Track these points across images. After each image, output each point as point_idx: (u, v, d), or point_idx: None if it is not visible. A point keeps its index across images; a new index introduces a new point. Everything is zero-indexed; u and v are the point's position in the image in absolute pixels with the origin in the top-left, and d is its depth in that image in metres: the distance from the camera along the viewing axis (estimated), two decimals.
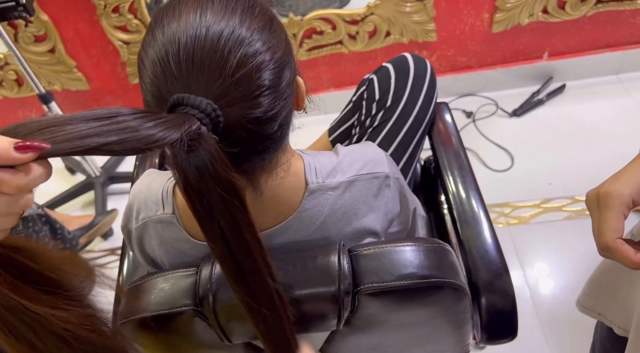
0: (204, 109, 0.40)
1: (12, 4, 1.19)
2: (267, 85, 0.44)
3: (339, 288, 0.52)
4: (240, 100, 0.43)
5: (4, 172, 0.31)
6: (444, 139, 0.93)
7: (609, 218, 0.47)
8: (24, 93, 1.89)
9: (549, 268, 1.40)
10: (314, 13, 1.67)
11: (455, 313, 0.61)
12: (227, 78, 0.42)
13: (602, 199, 0.48)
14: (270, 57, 0.44)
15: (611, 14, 1.68)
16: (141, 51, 0.46)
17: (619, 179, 0.48)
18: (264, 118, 0.45)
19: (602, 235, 0.47)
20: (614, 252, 0.47)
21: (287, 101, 0.48)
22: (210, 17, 0.43)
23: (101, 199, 1.76)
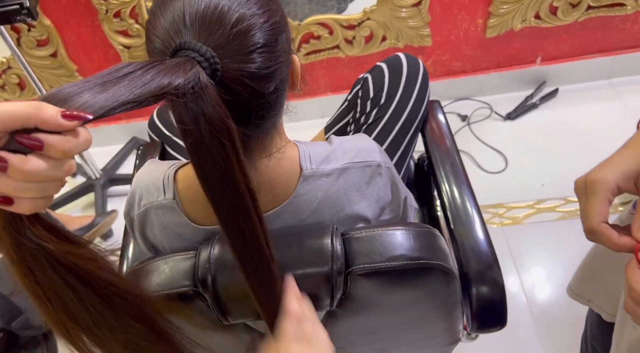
0: (204, 53, 0.43)
1: (16, 7, 1.22)
2: (262, 43, 0.48)
3: (331, 268, 0.54)
4: (237, 53, 0.46)
5: (53, 135, 0.33)
6: (437, 136, 0.95)
7: (595, 203, 0.49)
8: (25, 96, 1.92)
9: (542, 267, 1.43)
10: (312, 18, 1.70)
11: (445, 296, 0.63)
12: (225, 31, 0.46)
13: (589, 185, 0.50)
14: (266, 19, 0.49)
15: (602, 20, 1.72)
16: (150, 16, 0.50)
17: (605, 166, 0.51)
18: (258, 74, 0.48)
19: (587, 219, 0.50)
20: (599, 235, 0.49)
21: (281, 66, 0.52)
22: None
23: (101, 201, 1.78)
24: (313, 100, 1.91)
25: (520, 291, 1.38)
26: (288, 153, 0.59)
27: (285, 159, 0.59)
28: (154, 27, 0.48)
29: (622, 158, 0.50)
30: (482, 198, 1.58)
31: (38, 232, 0.37)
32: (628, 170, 0.49)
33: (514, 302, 1.36)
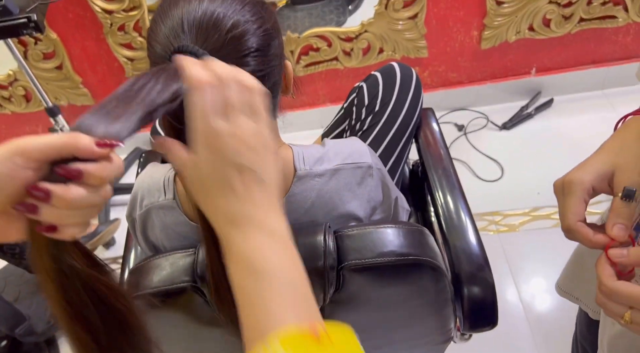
0: (200, 56, 0.47)
1: (24, 20, 1.27)
2: (256, 47, 0.52)
3: (324, 263, 0.56)
4: (232, 56, 0.50)
5: (90, 164, 0.35)
6: (429, 143, 0.98)
7: (571, 203, 0.52)
8: (31, 108, 1.96)
9: (538, 274, 1.45)
10: (311, 31, 1.75)
11: (435, 293, 0.65)
12: (221, 35, 0.50)
13: (566, 186, 0.53)
14: (259, 26, 0.53)
15: (595, 32, 1.76)
16: (151, 23, 0.54)
17: (581, 168, 0.54)
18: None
19: (565, 218, 0.53)
20: (575, 234, 0.52)
21: (274, 70, 0.55)
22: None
23: (104, 209, 1.81)
24: (312, 111, 1.95)
25: (516, 297, 1.40)
26: (282, 154, 0.62)
27: (279, 159, 0.62)
28: (155, 34, 0.52)
29: (597, 160, 0.53)
30: (478, 206, 1.62)
31: (76, 256, 0.40)
32: (602, 171, 0.52)
33: (510, 309, 1.38)
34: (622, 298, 0.46)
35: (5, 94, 1.91)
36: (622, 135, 0.54)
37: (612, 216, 0.50)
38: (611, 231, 0.49)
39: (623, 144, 0.53)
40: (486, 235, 1.55)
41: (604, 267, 0.49)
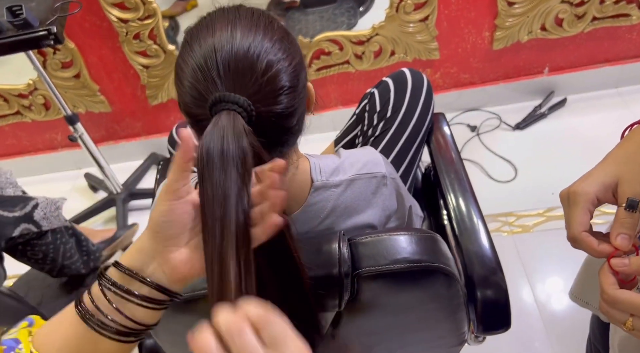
0: (242, 104, 0.48)
1: (44, 33, 1.30)
2: (288, 85, 0.53)
3: (339, 270, 0.58)
4: (267, 97, 0.51)
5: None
6: (441, 147, 1.00)
7: (576, 213, 0.53)
8: (50, 116, 2.01)
9: (552, 275, 1.45)
10: (322, 35, 1.76)
11: (448, 298, 0.67)
12: (257, 79, 0.50)
13: (571, 197, 0.54)
14: (289, 63, 0.54)
15: (608, 30, 1.75)
16: (179, 61, 0.54)
17: (586, 179, 0.55)
18: (285, 113, 0.53)
19: (570, 228, 0.54)
20: (581, 243, 0.53)
21: (302, 100, 0.57)
22: (239, 31, 0.52)
23: (122, 215, 1.85)
24: (324, 114, 1.96)
25: (531, 298, 1.40)
26: (301, 166, 0.64)
27: (298, 172, 0.64)
28: (186, 74, 0.52)
29: (601, 171, 0.54)
30: (492, 207, 1.63)
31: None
32: (606, 182, 0.53)
33: (524, 309, 1.38)
34: (623, 306, 0.48)
35: (26, 103, 1.96)
36: (626, 145, 0.55)
37: (616, 226, 0.51)
38: (615, 241, 0.51)
39: (627, 155, 0.54)
40: (500, 236, 1.56)
41: (607, 275, 0.50)
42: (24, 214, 1.27)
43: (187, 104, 0.53)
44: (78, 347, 0.46)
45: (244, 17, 0.54)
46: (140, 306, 0.46)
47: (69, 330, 0.46)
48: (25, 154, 2.20)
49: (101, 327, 0.45)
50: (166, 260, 0.46)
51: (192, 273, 0.47)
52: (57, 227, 1.37)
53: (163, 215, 0.44)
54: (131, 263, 0.46)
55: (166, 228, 0.44)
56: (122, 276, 0.46)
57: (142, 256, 0.46)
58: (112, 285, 0.45)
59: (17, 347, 0.47)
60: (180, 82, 0.54)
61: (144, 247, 0.46)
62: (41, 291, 1.59)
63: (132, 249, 0.47)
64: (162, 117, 2.04)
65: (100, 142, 2.10)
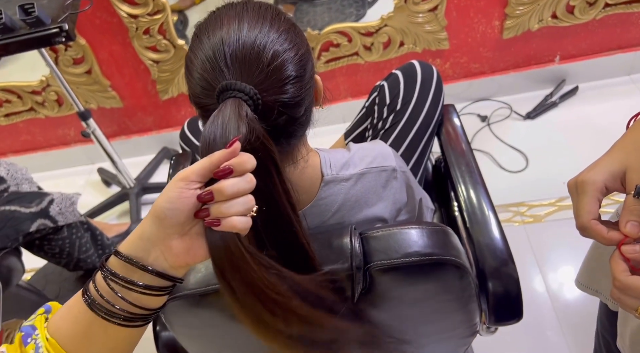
0: (248, 92, 0.50)
1: (56, 30, 1.32)
2: (294, 75, 0.54)
3: (351, 264, 0.59)
4: (274, 86, 0.53)
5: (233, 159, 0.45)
6: (452, 139, 1.00)
7: (585, 202, 0.54)
8: (63, 112, 2.04)
9: (564, 264, 1.44)
10: (331, 27, 1.76)
11: (460, 290, 0.67)
12: (263, 68, 0.52)
13: (580, 186, 0.55)
14: (295, 53, 0.55)
15: (620, 17, 1.73)
16: (189, 54, 0.56)
17: (594, 168, 0.55)
18: (292, 103, 0.55)
19: (579, 217, 0.54)
20: (590, 231, 0.53)
21: (309, 91, 0.58)
22: (247, 23, 0.54)
23: (135, 208, 1.87)
24: (334, 106, 1.97)
25: (543, 288, 1.40)
26: (310, 160, 0.65)
27: (308, 165, 0.64)
28: (195, 66, 0.54)
29: (609, 159, 0.54)
30: (503, 197, 1.63)
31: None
32: (614, 170, 0.53)
33: (537, 299, 1.39)
34: (635, 292, 0.48)
35: (39, 99, 1.99)
36: (633, 134, 0.55)
37: (625, 213, 0.51)
38: (624, 228, 0.51)
39: (634, 143, 0.54)
40: (511, 227, 1.56)
41: (618, 262, 0.50)
42: (40, 210, 1.30)
43: (197, 95, 0.55)
44: (88, 333, 0.47)
45: (251, 10, 0.56)
46: (144, 294, 0.47)
47: (79, 317, 0.47)
48: (40, 150, 2.23)
49: (108, 314, 0.46)
50: (168, 247, 0.46)
51: (195, 259, 0.47)
52: (72, 222, 1.40)
53: (170, 202, 0.44)
54: (132, 251, 0.46)
55: (171, 215, 0.45)
56: (123, 265, 0.46)
57: (143, 243, 0.46)
58: (113, 275, 0.46)
59: (34, 333, 0.49)
60: (190, 74, 0.56)
61: (146, 233, 0.46)
62: (58, 284, 1.62)
63: (133, 236, 0.47)
64: (173, 111, 2.05)
65: (112, 137, 2.13)
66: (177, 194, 0.44)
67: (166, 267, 0.47)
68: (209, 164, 0.44)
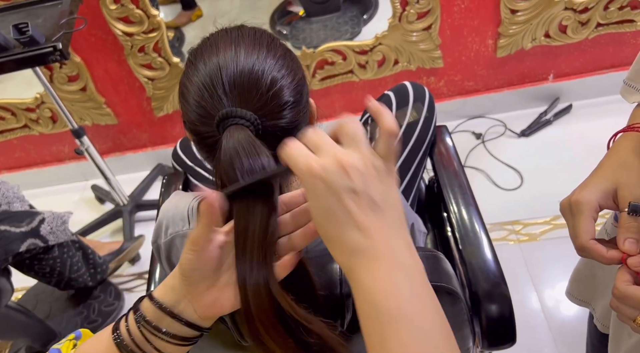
0: (249, 118, 0.50)
1: (50, 49, 1.32)
2: (292, 100, 0.54)
3: (340, 291, 0.58)
4: (273, 112, 0.52)
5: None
6: (444, 160, 0.99)
7: (582, 222, 0.54)
8: (57, 129, 2.03)
9: (559, 283, 1.43)
10: (326, 45, 1.77)
11: (452, 316, 0.66)
12: (262, 95, 0.52)
13: (574, 206, 0.55)
14: (292, 79, 0.55)
15: (613, 36, 1.74)
16: (184, 80, 0.56)
17: (586, 187, 0.55)
18: (290, 127, 0.54)
19: (577, 238, 0.54)
20: (589, 252, 0.53)
21: (305, 115, 0.58)
22: (243, 49, 0.54)
23: (129, 226, 1.86)
24: (328, 124, 1.97)
25: (538, 307, 1.39)
26: None
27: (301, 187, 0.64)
28: (191, 93, 0.53)
29: (599, 178, 0.55)
30: (498, 215, 1.62)
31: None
32: (606, 189, 0.53)
33: (532, 318, 1.37)
34: (633, 301, 0.48)
35: (33, 116, 1.98)
36: (617, 152, 0.56)
37: (621, 231, 0.52)
38: (623, 246, 0.51)
39: (621, 161, 0.55)
40: (506, 245, 1.55)
41: (623, 274, 0.51)
42: (30, 229, 1.29)
43: (193, 122, 0.54)
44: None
45: (246, 36, 0.56)
46: (170, 343, 0.47)
47: (106, 351, 0.48)
48: (33, 167, 2.22)
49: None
50: (197, 299, 0.47)
51: (222, 310, 0.48)
52: (63, 241, 1.38)
53: (190, 264, 0.46)
54: (164, 299, 0.48)
55: (195, 274, 0.46)
56: (154, 310, 0.47)
57: (174, 294, 0.47)
58: (144, 320, 0.47)
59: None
60: (185, 101, 0.55)
61: (176, 286, 0.47)
62: (49, 304, 1.60)
63: (166, 286, 0.48)
64: (167, 128, 2.05)
65: (106, 154, 2.12)
66: (194, 256, 0.45)
67: (194, 317, 0.48)
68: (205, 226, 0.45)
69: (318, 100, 2.06)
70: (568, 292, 0.84)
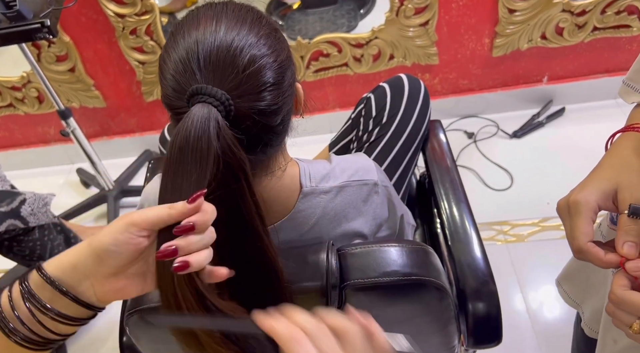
0: (219, 98, 0.47)
1: (38, 25, 1.28)
2: (272, 82, 0.52)
3: (326, 282, 0.56)
4: (249, 93, 0.50)
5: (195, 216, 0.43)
6: (437, 155, 0.98)
7: (580, 224, 0.52)
8: (44, 110, 1.99)
9: (545, 285, 1.43)
10: (321, 36, 1.75)
11: (439, 312, 0.65)
12: (238, 73, 0.49)
13: (572, 207, 0.53)
14: (274, 59, 0.52)
15: (608, 41, 1.74)
16: (163, 53, 0.54)
17: (585, 188, 0.53)
18: (268, 111, 0.52)
19: (575, 239, 0.52)
20: (587, 254, 0.51)
21: (287, 100, 0.55)
22: (224, 25, 0.51)
23: (113, 212, 1.82)
24: (322, 116, 1.95)
25: (523, 308, 1.39)
26: (289, 171, 0.62)
27: (286, 176, 0.62)
28: (168, 66, 0.51)
29: (599, 178, 0.53)
30: (486, 215, 1.61)
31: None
32: (606, 189, 0.52)
33: (516, 319, 1.37)
34: (629, 307, 0.47)
35: (19, 95, 1.94)
36: (617, 152, 0.54)
37: (620, 234, 0.50)
38: (622, 249, 0.50)
39: (621, 161, 0.53)
40: (494, 245, 1.54)
41: (620, 278, 0.49)
42: (10, 210, 1.25)
43: (168, 96, 0.52)
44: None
45: (230, 11, 0.53)
46: (63, 323, 0.44)
47: None
48: (18, 147, 2.18)
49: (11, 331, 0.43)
50: (101, 283, 0.45)
51: (126, 297, 0.47)
52: (44, 223, 1.35)
53: (117, 245, 0.43)
54: (62, 278, 0.44)
55: (113, 257, 0.43)
56: (49, 290, 0.43)
57: (76, 274, 0.44)
58: (34, 299, 0.43)
59: None
60: (162, 75, 0.53)
61: (80, 265, 0.44)
62: None
63: (65, 263, 0.44)
64: (157, 113, 2.01)
65: (93, 138, 2.08)
66: (126, 239, 0.43)
67: (94, 300, 0.45)
68: (167, 217, 0.43)
69: (311, 92, 2.04)
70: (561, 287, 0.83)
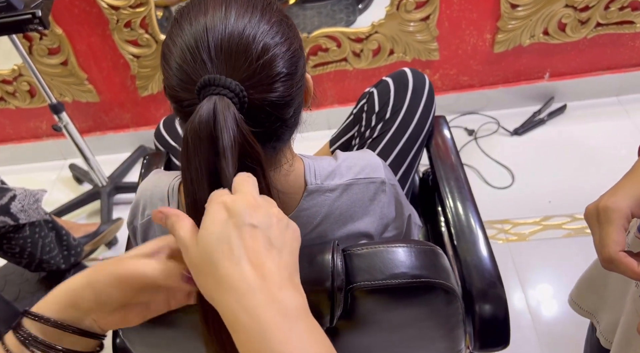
0: (233, 89, 0.44)
1: (29, 16, 1.24)
2: (285, 72, 0.49)
3: (332, 284, 0.53)
4: (262, 83, 0.47)
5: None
6: (442, 152, 0.95)
7: (611, 231, 0.48)
8: (35, 104, 1.94)
9: (547, 284, 1.41)
10: (320, 31, 1.71)
11: (446, 315, 0.62)
12: (252, 63, 0.46)
13: (602, 213, 0.49)
14: (287, 48, 0.49)
15: (611, 37, 1.72)
16: (167, 41, 0.50)
17: (617, 193, 0.50)
18: (281, 103, 0.49)
19: (605, 248, 0.48)
20: (618, 264, 0.47)
21: (299, 91, 0.52)
22: (234, 11, 0.48)
23: (107, 208, 1.79)
24: (320, 112, 1.92)
25: (524, 308, 1.36)
26: (294, 167, 0.59)
27: (291, 173, 0.59)
28: (173, 55, 0.48)
29: (632, 184, 0.49)
30: (487, 213, 1.59)
31: None
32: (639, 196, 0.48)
33: (518, 319, 1.35)
34: None
35: (10, 89, 1.89)
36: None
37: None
38: None
39: None
40: (495, 244, 1.52)
41: None
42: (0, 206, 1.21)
43: (173, 87, 0.49)
44: None
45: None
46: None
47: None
48: (9, 142, 2.13)
49: None
50: (104, 316, 0.44)
51: (127, 326, 0.46)
52: (35, 220, 1.31)
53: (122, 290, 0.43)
54: (63, 318, 0.43)
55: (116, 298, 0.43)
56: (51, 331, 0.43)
57: (76, 312, 0.43)
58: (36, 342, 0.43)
59: None
60: (166, 63, 0.50)
61: (80, 304, 0.43)
62: (18, 286, 1.52)
63: (59, 304, 0.43)
64: (152, 108, 1.97)
65: (86, 133, 2.04)
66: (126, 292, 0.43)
67: (97, 330, 0.45)
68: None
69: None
70: (572, 301, 0.79)
